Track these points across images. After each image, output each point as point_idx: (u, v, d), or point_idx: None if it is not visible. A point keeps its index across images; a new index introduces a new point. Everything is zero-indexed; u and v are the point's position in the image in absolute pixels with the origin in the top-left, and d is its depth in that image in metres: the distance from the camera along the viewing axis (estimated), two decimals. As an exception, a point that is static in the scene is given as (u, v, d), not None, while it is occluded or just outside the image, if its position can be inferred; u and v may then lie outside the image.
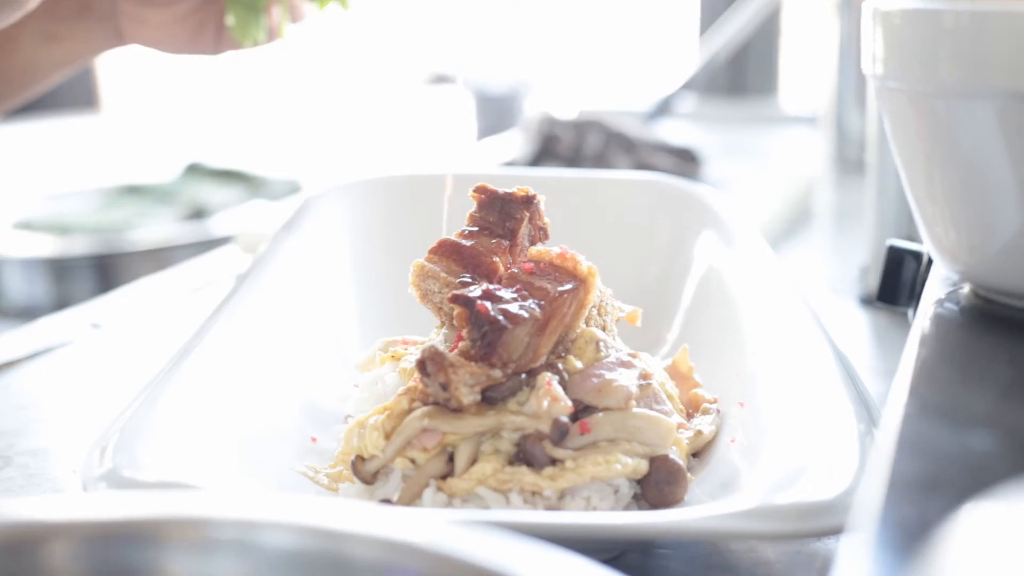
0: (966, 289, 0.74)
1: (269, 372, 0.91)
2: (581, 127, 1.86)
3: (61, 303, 2.52)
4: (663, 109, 2.35)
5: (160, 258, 2.55)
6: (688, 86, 2.48)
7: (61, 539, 0.43)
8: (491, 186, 0.89)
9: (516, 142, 1.92)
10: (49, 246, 2.57)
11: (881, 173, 1.30)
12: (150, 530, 0.43)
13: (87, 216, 2.73)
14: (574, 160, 1.81)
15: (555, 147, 1.82)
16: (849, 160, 2.25)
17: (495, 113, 6.01)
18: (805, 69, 3.12)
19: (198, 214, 2.73)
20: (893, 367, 1.10)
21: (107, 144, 4.20)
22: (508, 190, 0.89)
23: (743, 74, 2.98)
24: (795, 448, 0.74)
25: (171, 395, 0.80)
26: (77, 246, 2.56)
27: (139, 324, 1.30)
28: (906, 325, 1.08)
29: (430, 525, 0.41)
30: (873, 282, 1.31)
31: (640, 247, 1.13)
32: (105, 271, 2.53)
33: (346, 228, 1.14)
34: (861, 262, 1.38)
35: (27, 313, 2.53)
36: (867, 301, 1.32)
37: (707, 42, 2.64)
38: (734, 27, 2.49)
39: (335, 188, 1.18)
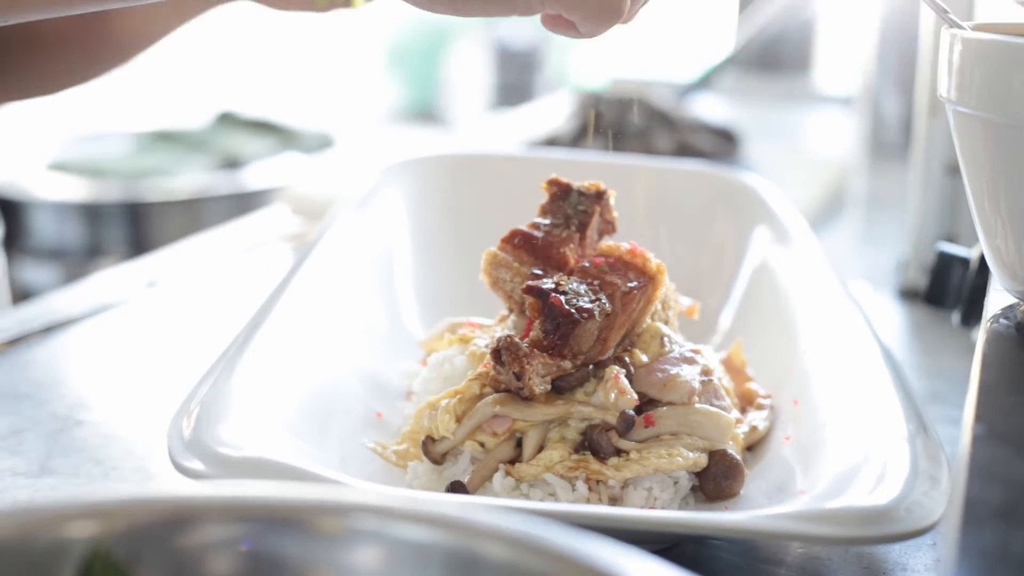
0: (1023, 307, 0.77)
1: (334, 346, 0.94)
2: (624, 104, 1.88)
3: (93, 248, 2.55)
4: (701, 84, 2.37)
5: (193, 208, 2.58)
6: (726, 61, 2.50)
7: (214, 518, 0.46)
8: (563, 179, 0.91)
9: (559, 115, 1.94)
10: (83, 190, 2.59)
11: (926, 166, 1.32)
12: (296, 515, 0.46)
13: (120, 161, 2.75)
14: (616, 137, 1.83)
15: (598, 122, 1.84)
16: (885, 144, 2.26)
17: (515, 69, 6.02)
18: (840, 48, 3.13)
19: (231, 164, 2.75)
20: (933, 364, 1.14)
21: (140, 88, 4.22)
22: (579, 184, 0.91)
23: (778, 50, 2.99)
24: (847, 451, 0.77)
25: (245, 368, 0.82)
26: (111, 192, 2.58)
27: (193, 283, 1.33)
28: (948, 324, 1.11)
29: (554, 528, 0.44)
30: (913, 277, 1.34)
31: (694, 237, 1.15)
32: (138, 219, 2.55)
33: (411, 205, 1.17)
34: (901, 255, 1.40)
35: (58, 255, 2.57)
36: (906, 295, 1.34)
37: (746, 17, 2.66)
38: (773, 2, 2.51)
39: (401, 164, 1.21)
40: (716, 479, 0.81)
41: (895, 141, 2.27)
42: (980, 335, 0.72)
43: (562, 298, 0.80)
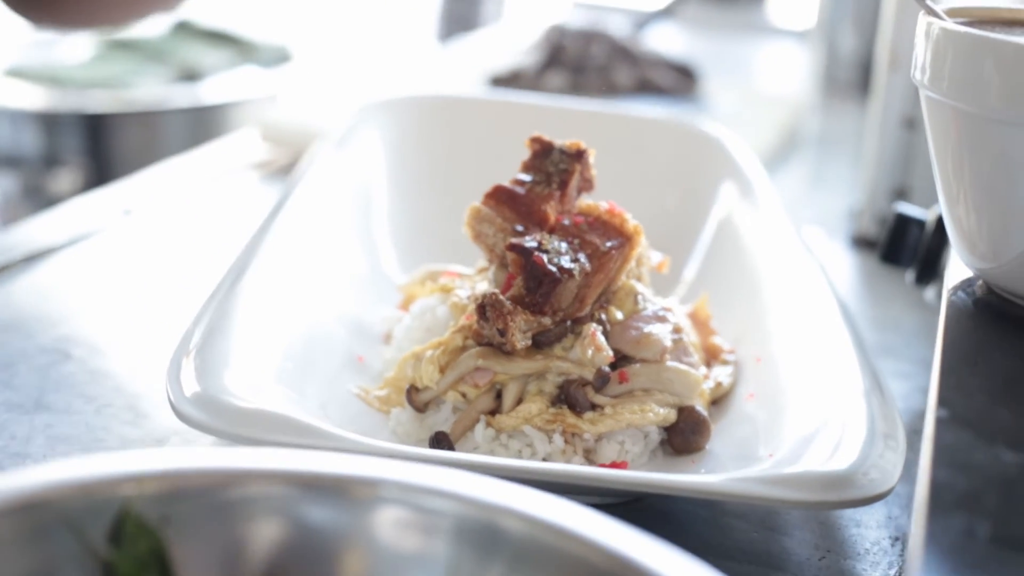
0: (980, 282, 0.81)
1: (316, 291, 0.97)
2: (588, 37, 1.91)
3: (50, 158, 2.56)
4: (661, 13, 2.39)
5: (151, 121, 2.59)
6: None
7: (241, 485, 0.50)
8: (545, 137, 0.95)
9: (523, 46, 1.97)
10: (40, 99, 2.59)
11: (883, 120, 1.36)
12: (323, 483, 0.50)
13: (77, 69, 2.75)
14: (579, 69, 1.86)
15: (561, 56, 1.87)
16: (838, 81, 2.30)
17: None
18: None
19: (189, 76, 2.75)
20: (884, 315, 1.19)
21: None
22: (561, 143, 0.95)
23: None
24: (808, 412, 0.81)
25: (233, 313, 0.86)
26: (69, 101, 2.58)
27: (169, 212, 1.35)
28: (897, 274, 1.16)
29: (573, 509, 0.48)
30: (866, 226, 1.39)
31: (662, 188, 1.19)
32: (96, 130, 2.56)
33: (387, 147, 1.20)
34: (855, 204, 1.45)
35: (14, 163, 2.57)
36: (859, 243, 1.39)
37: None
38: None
39: (378, 104, 1.24)
40: (684, 434, 0.85)
41: (848, 79, 2.31)
42: (941, 310, 0.77)
43: (544, 257, 0.84)
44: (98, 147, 2.54)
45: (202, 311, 0.86)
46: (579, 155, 0.94)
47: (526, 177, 0.93)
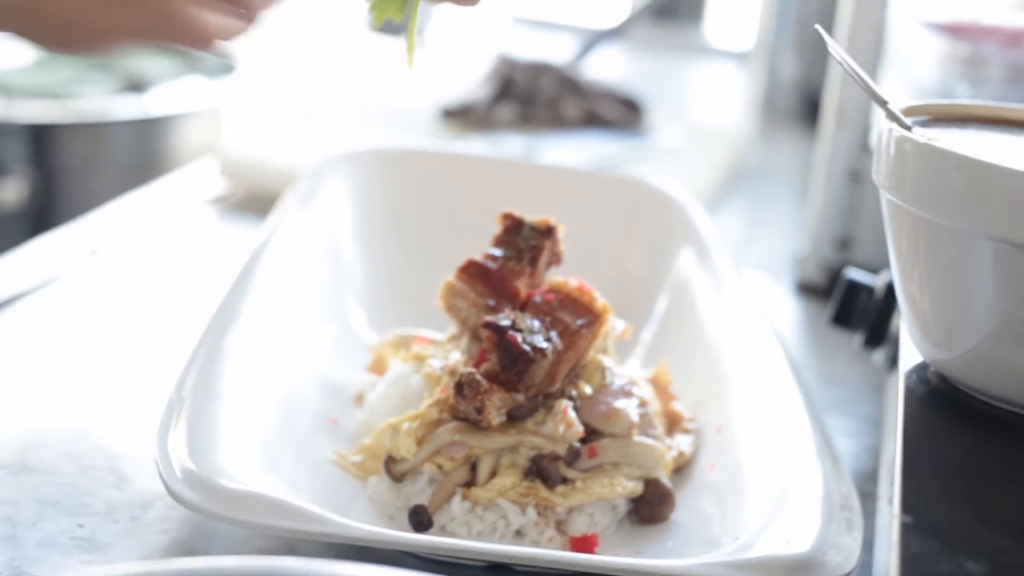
0: (933, 369, 0.86)
1: (290, 352, 1.00)
2: (537, 69, 1.95)
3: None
4: (606, 34, 2.42)
5: (98, 132, 2.60)
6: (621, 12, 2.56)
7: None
8: (516, 213, 0.99)
9: (473, 80, 2.00)
10: (-16, 106, 2.59)
11: (829, 173, 1.41)
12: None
13: (21, 75, 2.74)
14: (528, 101, 1.90)
15: (511, 88, 1.91)
16: (779, 108, 2.33)
17: None
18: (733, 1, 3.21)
19: (134, 86, 2.76)
20: (832, 371, 1.24)
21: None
22: (531, 219, 0.98)
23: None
24: (767, 490, 0.86)
25: (213, 381, 0.89)
26: (12, 110, 2.58)
27: (134, 251, 1.38)
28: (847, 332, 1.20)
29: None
30: (810, 273, 1.44)
31: (620, 247, 1.24)
32: (42, 140, 2.56)
33: (353, 201, 1.23)
34: (799, 250, 1.50)
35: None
36: (803, 289, 1.44)
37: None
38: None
39: (343, 157, 1.27)
40: (650, 505, 0.90)
41: (790, 107, 2.34)
42: (898, 395, 0.81)
43: (518, 336, 0.88)
44: (43, 157, 2.54)
45: (182, 378, 0.89)
46: (548, 231, 0.98)
47: (497, 252, 0.97)
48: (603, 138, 1.86)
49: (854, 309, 1.12)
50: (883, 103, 0.83)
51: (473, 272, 0.95)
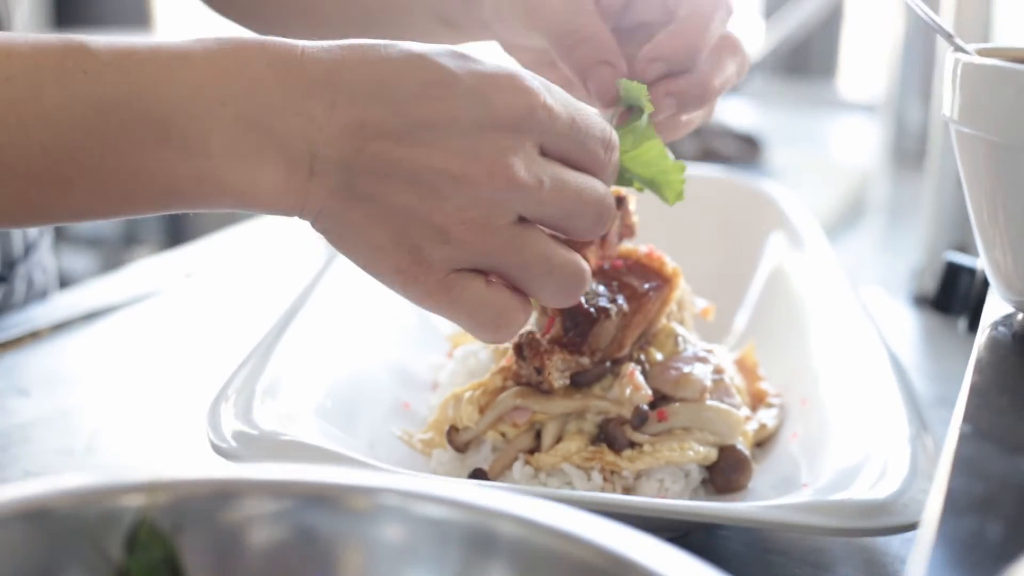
0: (1020, 316, 0.81)
1: (364, 340, 0.98)
2: (650, 108, 1.92)
3: (129, 237, 2.60)
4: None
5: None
6: (752, 66, 2.53)
7: (252, 494, 0.51)
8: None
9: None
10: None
11: (940, 178, 1.36)
12: (327, 493, 0.51)
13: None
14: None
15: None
16: (906, 152, 2.29)
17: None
18: (866, 55, 3.16)
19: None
20: (943, 369, 1.18)
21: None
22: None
23: (805, 55, 3.03)
24: (851, 448, 0.81)
25: (279, 358, 0.87)
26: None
27: (230, 275, 1.38)
28: (956, 331, 1.15)
29: (566, 511, 0.48)
30: (927, 284, 1.38)
31: (711, 241, 1.20)
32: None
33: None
34: (915, 263, 1.44)
35: (96, 243, 2.61)
36: (919, 302, 1.38)
37: (773, 23, 2.69)
38: (800, 9, 2.54)
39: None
40: (725, 472, 0.85)
41: (916, 150, 2.30)
42: (976, 342, 0.76)
43: (582, 298, 0.85)
44: (177, 226, 2.58)
45: (245, 359, 0.87)
46: (620, 202, 0.95)
47: (567, 223, 0.94)
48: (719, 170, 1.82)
49: (956, 292, 1.07)
50: (949, 36, 0.79)
51: (541, 243, 0.92)
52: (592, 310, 0.84)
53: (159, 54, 0.70)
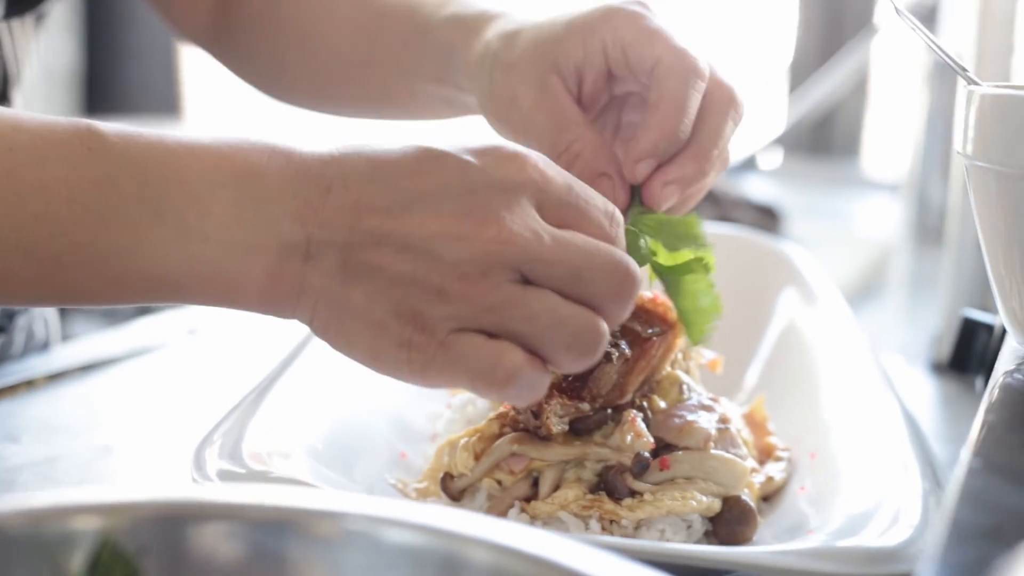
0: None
1: (361, 388, 0.95)
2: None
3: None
4: (749, 164, 2.39)
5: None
6: (774, 143, 2.53)
7: (214, 519, 0.49)
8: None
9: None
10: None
11: (960, 244, 1.34)
12: (292, 518, 0.48)
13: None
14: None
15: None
16: (928, 229, 2.27)
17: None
18: (890, 135, 3.15)
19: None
20: (960, 433, 1.14)
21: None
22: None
23: (828, 134, 3.02)
24: (861, 498, 0.78)
25: (272, 404, 0.85)
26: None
27: (232, 333, 1.35)
28: (974, 394, 1.12)
29: (539, 536, 0.46)
30: (945, 349, 1.34)
31: (723, 296, 1.16)
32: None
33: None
34: (934, 329, 1.41)
35: (111, 314, 2.60)
36: (938, 368, 1.35)
37: (796, 101, 2.68)
38: (823, 88, 2.53)
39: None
40: (729, 524, 0.82)
41: (937, 226, 2.27)
42: (991, 383, 0.74)
43: (582, 341, 0.82)
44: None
45: (236, 404, 0.85)
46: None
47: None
48: (736, 239, 1.80)
49: (973, 350, 1.04)
50: (963, 70, 0.77)
51: (542, 287, 0.90)
52: (592, 353, 0.82)
53: (166, 140, 0.70)
